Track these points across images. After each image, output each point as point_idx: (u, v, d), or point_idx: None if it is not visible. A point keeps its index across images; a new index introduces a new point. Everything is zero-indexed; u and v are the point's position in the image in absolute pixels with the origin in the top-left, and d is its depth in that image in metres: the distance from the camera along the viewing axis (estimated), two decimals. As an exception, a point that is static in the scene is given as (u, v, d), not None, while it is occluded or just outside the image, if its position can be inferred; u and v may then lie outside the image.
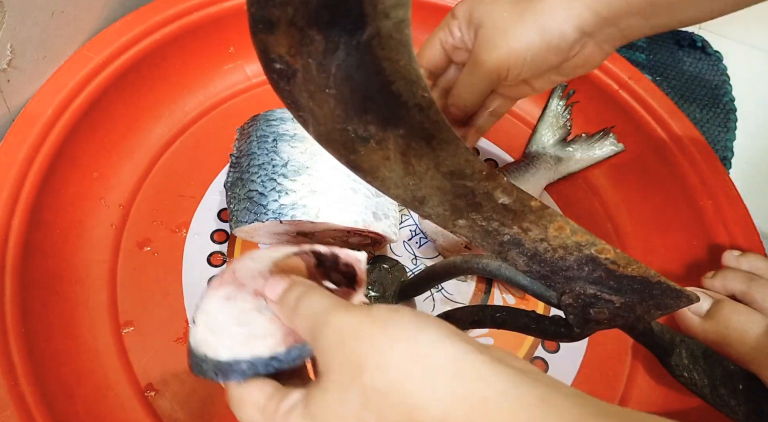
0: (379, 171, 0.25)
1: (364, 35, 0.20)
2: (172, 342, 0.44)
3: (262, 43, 0.21)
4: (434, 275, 0.43)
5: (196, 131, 0.54)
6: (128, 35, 0.49)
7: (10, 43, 0.42)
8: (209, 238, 0.49)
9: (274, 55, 0.22)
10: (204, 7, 0.53)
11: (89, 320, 0.43)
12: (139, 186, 0.50)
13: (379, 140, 0.24)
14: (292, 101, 0.24)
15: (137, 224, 0.48)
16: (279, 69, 0.22)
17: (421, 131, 0.23)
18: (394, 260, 0.50)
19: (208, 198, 0.51)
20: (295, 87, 0.23)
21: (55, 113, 0.45)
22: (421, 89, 0.21)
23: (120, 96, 0.50)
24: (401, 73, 0.21)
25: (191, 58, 0.54)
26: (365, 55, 0.20)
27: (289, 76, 0.22)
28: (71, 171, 0.46)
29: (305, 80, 0.22)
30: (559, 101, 0.59)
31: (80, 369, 0.41)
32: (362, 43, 0.20)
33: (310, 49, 0.21)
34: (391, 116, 0.22)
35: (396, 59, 0.20)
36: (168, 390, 0.42)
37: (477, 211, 0.26)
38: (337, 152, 0.25)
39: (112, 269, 0.46)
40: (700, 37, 0.72)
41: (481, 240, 0.28)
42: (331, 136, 0.24)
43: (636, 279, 0.28)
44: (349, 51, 0.20)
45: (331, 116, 0.23)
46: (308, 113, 0.24)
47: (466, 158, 0.24)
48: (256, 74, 0.58)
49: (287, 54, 0.21)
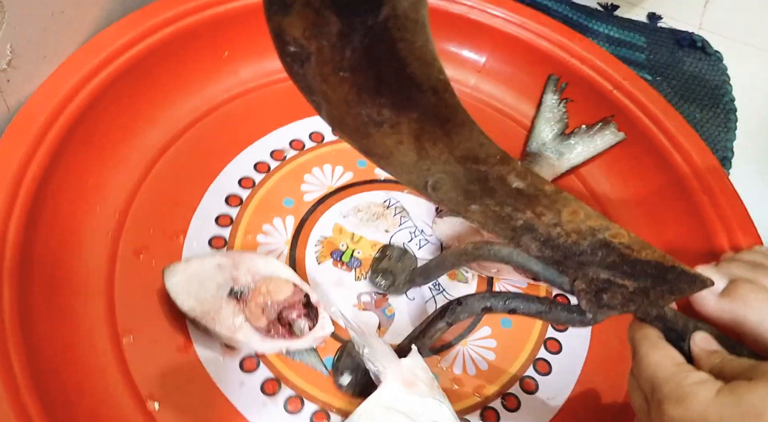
0: (392, 156, 0.25)
1: (380, 16, 0.19)
2: (173, 351, 0.43)
3: (276, 25, 0.21)
4: (445, 262, 0.43)
5: (191, 136, 0.53)
6: (121, 41, 0.49)
7: (10, 43, 0.42)
8: (207, 244, 0.48)
9: (288, 38, 0.21)
10: (197, 11, 0.53)
11: (88, 330, 0.42)
12: (134, 193, 0.49)
13: (392, 123, 0.23)
14: (306, 85, 0.23)
15: (134, 231, 0.48)
16: (293, 52, 0.22)
17: (436, 114, 0.23)
18: (403, 249, 0.50)
19: (204, 204, 0.50)
20: (308, 70, 0.22)
21: (48, 121, 0.44)
22: (436, 71, 0.21)
23: (114, 102, 0.49)
24: (417, 55, 0.20)
25: (185, 63, 0.54)
26: (380, 37, 0.20)
27: (303, 59, 0.22)
28: (66, 179, 0.45)
29: (319, 63, 0.22)
30: (554, 95, 0.59)
31: (81, 380, 0.40)
32: (378, 24, 0.20)
33: (325, 30, 0.21)
34: (406, 98, 0.22)
35: (412, 41, 0.20)
36: (170, 399, 0.41)
37: (490, 196, 0.26)
38: (350, 136, 0.25)
39: (109, 277, 0.45)
40: (700, 37, 0.72)
41: (493, 226, 0.28)
42: (344, 120, 0.24)
43: (650, 264, 0.28)
44: (364, 32, 0.20)
45: (345, 100, 0.23)
46: (321, 96, 0.23)
47: (481, 142, 0.24)
48: (250, 78, 0.58)
49: (302, 36, 0.21)
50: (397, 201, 0.53)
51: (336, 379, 0.43)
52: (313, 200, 0.52)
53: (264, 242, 0.49)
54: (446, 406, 0.37)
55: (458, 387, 0.45)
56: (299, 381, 0.43)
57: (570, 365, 0.47)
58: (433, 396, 0.37)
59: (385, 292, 0.48)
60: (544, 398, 0.45)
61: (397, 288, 0.48)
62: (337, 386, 0.43)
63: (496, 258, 0.37)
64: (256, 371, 0.43)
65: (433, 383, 0.39)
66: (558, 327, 0.49)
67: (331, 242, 0.50)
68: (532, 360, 0.47)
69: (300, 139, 0.55)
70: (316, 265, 0.49)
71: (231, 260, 0.44)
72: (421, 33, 0.20)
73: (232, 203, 0.51)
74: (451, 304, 0.39)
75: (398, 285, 0.48)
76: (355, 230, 0.51)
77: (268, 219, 0.50)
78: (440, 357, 0.46)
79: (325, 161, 0.54)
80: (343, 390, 0.42)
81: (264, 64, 0.58)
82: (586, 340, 0.48)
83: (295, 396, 0.42)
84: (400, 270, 0.48)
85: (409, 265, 0.49)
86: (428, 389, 0.37)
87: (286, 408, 0.42)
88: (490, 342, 0.47)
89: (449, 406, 0.37)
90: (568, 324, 0.35)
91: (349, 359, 0.43)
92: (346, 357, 0.43)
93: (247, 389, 0.42)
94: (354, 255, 0.50)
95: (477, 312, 0.38)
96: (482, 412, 0.44)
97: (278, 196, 0.52)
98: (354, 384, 0.42)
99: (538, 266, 0.35)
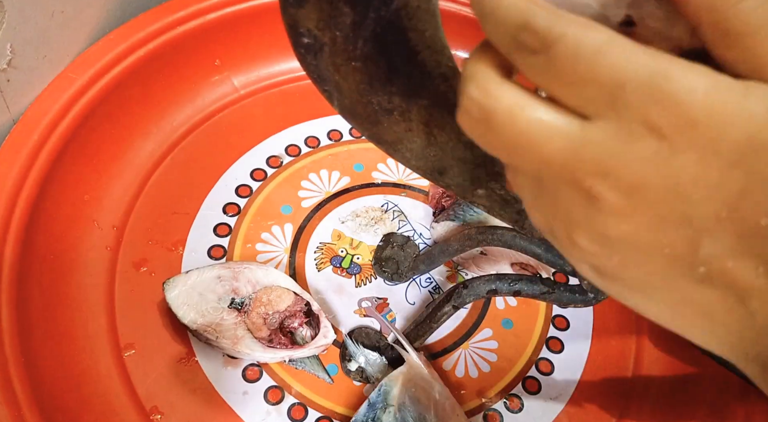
0: (401, 143, 0.26)
1: (392, 6, 0.20)
2: (175, 363, 0.43)
3: (291, 17, 0.22)
4: (449, 248, 0.43)
5: (186, 147, 0.53)
6: (111, 54, 0.49)
7: (10, 43, 0.42)
8: (206, 254, 0.48)
9: (302, 29, 0.22)
10: (187, 21, 0.52)
11: (89, 345, 0.43)
12: (132, 206, 0.49)
13: (402, 111, 0.24)
14: (318, 75, 0.24)
15: (132, 244, 0.48)
16: (306, 43, 0.23)
17: (445, 101, 0.23)
18: (405, 236, 0.51)
19: (202, 214, 0.50)
20: (321, 61, 0.23)
21: (41, 138, 0.44)
22: (446, 59, 0.22)
23: (107, 116, 0.49)
24: (427, 44, 0.21)
25: (177, 73, 0.54)
26: (392, 27, 0.21)
27: (316, 50, 0.23)
28: (62, 195, 0.45)
29: (332, 53, 0.23)
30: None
31: (83, 396, 0.40)
32: (390, 14, 0.20)
33: (338, 21, 0.21)
34: (416, 86, 0.23)
35: (422, 30, 0.21)
36: (174, 412, 0.41)
37: (496, 180, 0.27)
38: (360, 125, 0.26)
39: (109, 292, 0.45)
40: None
41: (499, 210, 0.28)
42: (356, 109, 0.25)
43: None
44: (376, 22, 0.21)
45: (356, 89, 0.24)
46: (333, 86, 0.24)
47: None
48: (243, 85, 0.57)
49: (315, 28, 0.22)
50: (395, 205, 0.53)
51: (344, 366, 0.44)
52: (311, 206, 0.52)
53: (263, 251, 0.49)
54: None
55: (460, 391, 0.45)
56: (302, 389, 0.43)
57: (572, 363, 0.47)
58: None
59: (389, 279, 0.49)
60: (547, 398, 0.45)
61: (401, 275, 0.48)
62: (345, 372, 0.44)
63: (500, 242, 0.37)
64: (259, 380, 0.43)
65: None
66: (560, 325, 0.49)
67: (331, 248, 0.50)
68: (535, 360, 0.47)
69: (296, 144, 0.55)
70: (316, 272, 0.49)
71: (231, 271, 0.44)
72: (431, 22, 0.20)
73: (229, 212, 0.51)
74: (457, 287, 0.40)
75: (402, 272, 0.48)
76: (354, 236, 0.51)
77: (266, 227, 0.50)
78: (442, 360, 0.46)
79: (321, 167, 0.54)
80: (351, 377, 0.44)
81: (256, 70, 0.58)
82: (588, 338, 0.49)
83: (299, 404, 0.43)
84: (403, 258, 0.49)
85: (412, 252, 0.50)
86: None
87: (290, 417, 0.42)
88: (491, 344, 0.47)
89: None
90: (571, 304, 0.35)
91: (356, 347, 0.45)
92: (353, 345, 0.45)
93: (250, 398, 0.42)
94: (354, 261, 0.50)
95: (483, 295, 0.39)
96: (485, 415, 0.44)
97: (276, 203, 0.52)
98: (360, 371, 0.44)
99: (540, 249, 0.35)
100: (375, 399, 0.40)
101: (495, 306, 0.49)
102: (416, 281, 0.49)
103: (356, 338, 0.45)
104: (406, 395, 0.40)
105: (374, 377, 0.44)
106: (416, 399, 0.40)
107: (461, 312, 0.48)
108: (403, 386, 0.40)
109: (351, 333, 0.46)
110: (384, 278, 0.49)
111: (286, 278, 0.45)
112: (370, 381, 0.44)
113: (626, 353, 0.48)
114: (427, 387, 0.41)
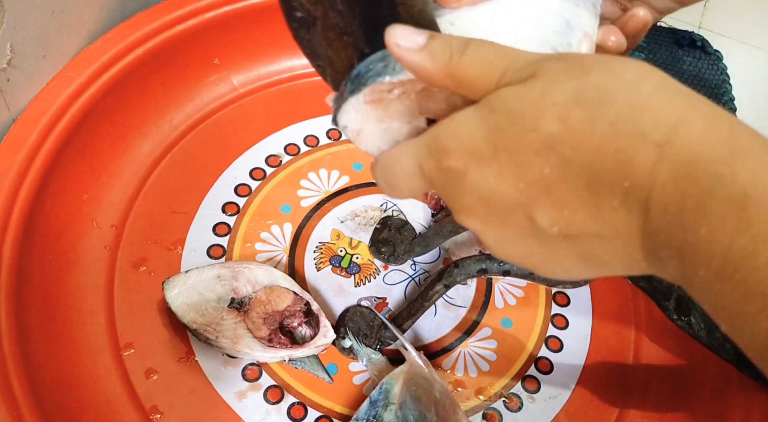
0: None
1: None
2: (175, 362, 0.43)
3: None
4: (443, 230, 0.44)
5: (185, 146, 0.53)
6: (109, 53, 0.48)
7: (10, 43, 0.42)
8: (206, 254, 0.48)
9: (295, 3, 0.23)
10: (186, 19, 0.52)
11: (88, 345, 0.43)
12: (130, 205, 0.49)
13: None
14: (311, 50, 0.25)
15: (131, 244, 0.48)
16: (300, 17, 0.23)
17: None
18: (403, 220, 0.51)
19: (202, 213, 0.50)
20: (314, 35, 0.24)
21: (40, 137, 0.44)
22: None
23: (105, 115, 0.49)
24: (415, 19, 0.22)
25: (176, 73, 0.53)
26: (383, 1, 0.22)
27: (309, 24, 0.24)
28: (60, 195, 0.45)
29: (324, 28, 0.24)
30: None
31: (82, 395, 0.40)
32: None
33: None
34: None
35: (411, 5, 0.22)
36: (173, 411, 0.41)
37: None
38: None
39: (108, 291, 0.45)
40: (700, 36, 0.72)
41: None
42: None
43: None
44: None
45: (349, 64, 0.24)
46: (326, 61, 0.25)
47: None
48: (242, 84, 0.57)
49: (308, 2, 0.23)
50: (394, 204, 0.53)
51: (337, 343, 0.45)
52: (310, 206, 0.52)
53: (263, 250, 0.49)
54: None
55: (460, 390, 0.45)
56: (302, 388, 0.43)
57: (571, 362, 0.47)
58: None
59: (386, 262, 0.49)
60: (546, 396, 0.45)
61: (397, 258, 0.49)
62: (339, 349, 0.45)
63: None
64: (259, 379, 0.43)
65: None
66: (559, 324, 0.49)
67: (330, 247, 0.50)
68: (534, 359, 0.47)
69: (295, 143, 0.55)
70: (316, 272, 0.49)
71: (230, 270, 0.44)
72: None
73: (229, 211, 0.51)
74: (448, 267, 0.41)
75: (398, 255, 0.49)
76: (353, 235, 0.51)
77: (265, 227, 0.50)
78: (442, 359, 0.46)
79: (320, 166, 0.54)
80: (345, 354, 0.45)
81: (255, 68, 0.58)
82: (587, 338, 0.49)
83: (298, 403, 0.43)
84: (399, 241, 0.50)
85: (408, 236, 0.50)
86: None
87: (289, 416, 0.42)
88: (490, 343, 0.47)
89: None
90: (560, 286, 0.35)
91: (352, 324, 0.45)
92: (348, 322, 0.45)
93: (250, 398, 0.42)
94: (353, 261, 0.50)
95: (473, 274, 0.40)
96: (485, 413, 0.44)
97: (275, 202, 0.52)
98: (352, 349, 0.45)
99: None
100: (376, 397, 0.40)
101: (494, 305, 0.49)
102: (415, 280, 0.49)
103: (350, 317, 0.46)
104: (407, 393, 0.40)
105: (372, 372, 0.44)
106: (417, 397, 0.40)
107: (461, 311, 0.48)
108: (404, 384, 0.41)
109: (345, 312, 0.46)
110: (381, 260, 0.49)
111: (285, 278, 0.45)
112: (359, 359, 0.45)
113: (625, 352, 0.48)
114: (427, 386, 0.41)
